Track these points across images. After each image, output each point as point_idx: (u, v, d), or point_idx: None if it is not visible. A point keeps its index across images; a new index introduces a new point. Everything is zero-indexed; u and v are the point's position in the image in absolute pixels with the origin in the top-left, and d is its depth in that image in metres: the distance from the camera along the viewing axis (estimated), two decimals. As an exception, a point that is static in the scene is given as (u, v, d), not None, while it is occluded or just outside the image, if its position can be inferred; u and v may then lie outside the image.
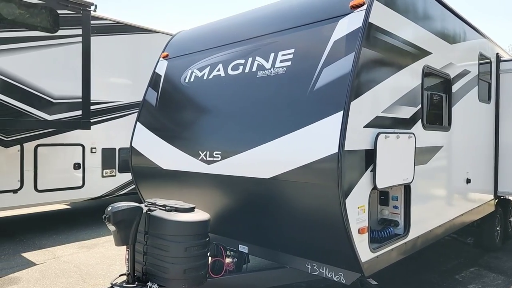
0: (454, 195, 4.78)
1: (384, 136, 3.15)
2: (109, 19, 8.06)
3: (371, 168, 3.08)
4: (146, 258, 3.22)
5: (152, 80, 4.95)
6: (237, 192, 3.64)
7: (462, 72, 4.86)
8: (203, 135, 3.92)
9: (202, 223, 3.19)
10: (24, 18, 6.02)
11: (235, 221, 3.82)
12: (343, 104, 2.84)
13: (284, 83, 3.33)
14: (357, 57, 2.92)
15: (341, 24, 3.14)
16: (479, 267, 5.75)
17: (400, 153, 3.41)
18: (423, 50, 3.86)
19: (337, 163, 2.76)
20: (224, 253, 3.56)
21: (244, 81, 3.70)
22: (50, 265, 5.82)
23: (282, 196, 3.24)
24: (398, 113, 3.46)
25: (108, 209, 3.04)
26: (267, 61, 3.57)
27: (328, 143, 2.83)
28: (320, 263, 3.27)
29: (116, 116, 8.28)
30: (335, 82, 2.95)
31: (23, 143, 6.90)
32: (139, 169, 4.74)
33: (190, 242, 3.10)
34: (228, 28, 4.30)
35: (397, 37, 3.43)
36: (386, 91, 3.28)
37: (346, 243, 2.91)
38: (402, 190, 3.70)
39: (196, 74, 4.30)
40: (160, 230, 3.14)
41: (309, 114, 3.02)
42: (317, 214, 3.04)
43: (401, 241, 3.56)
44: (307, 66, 3.20)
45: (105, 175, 8.13)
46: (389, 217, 3.83)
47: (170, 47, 5.03)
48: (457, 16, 4.74)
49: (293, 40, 3.46)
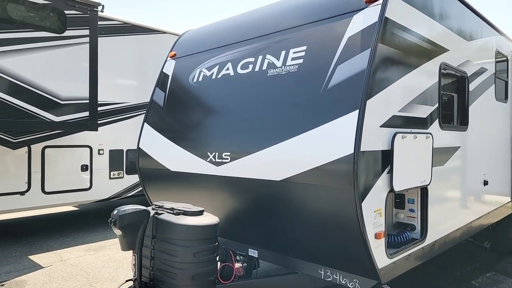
0: (471, 197, 4.61)
1: (401, 136, 3.01)
2: (117, 19, 8.01)
3: (388, 169, 2.94)
4: (154, 263, 3.12)
5: (159, 80, 4.85)
6: (247, 195, 3.52)
7: (479, 70, 4.70)
8: (212, 135, 3.81)
9: (211, 227, 3.08)
10: (31, 19, 5.97)
11: (245, 225, 3.70)
12: (359, 103, 2.70)
13: (296, 81, 3.21)
14: (373, 54, 2.78)
15: (355, 20, 3.01)
16: (496, 272, 5.56)
17: (418, 154, 3.26)
18: (440, 47, 3.71)
19: (353, 165, 2.63)
20: (234, 258, 3.44)
21: (254, 80, 3.58)
22: (57, 268, 5.75)
23: (294, 199, 3.12)
24: (415, 112, 3.31)
25: (114, 213, 2.94)
26: (278, 59, 3.45)
27: (343, 144, 2.69)
28: (334, 269, 3.13)
29: (123, 117, 8.21)
30: (350, 80, 2.81)
31: (30, 145, 6.86)
32: (147, 171, 4.64)
33: (199, 247, 2.99)
34: (237, 26, 4.19)
35: (414, 33, 3.29)
36: (402, 89, 3.14)
37: (362, 248, 2.77)
38: (419, 193, 3.55)
39: (204, 73, 4.19)
40: (168, 234, 3.03)
41: (323, 114, 2.89)
42: (332, 218, 2.90)
43: (418, 246, 3.41)
44: (320, 64, 3.07)
45: (112, 177, 8.06)
46: (405, 221, 3.68)
47: (178, 46, 4.94)
48: (473, 12, 4.57)
49: (305, 37, 3.33)
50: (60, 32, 6.30)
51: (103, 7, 6.75)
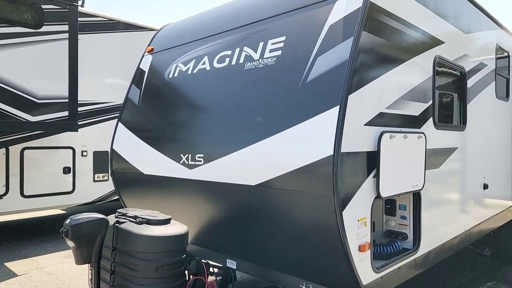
0: (470, 202, 4.28)
1: (389, 135, 2.68)
2: (101, 16, 7.69)
3: (374, 173, 2.61)
4: (114, 277, 2.79)
5: (135, 77, 4.53)
6: (222, 201, 3.19)
7: (478, 65, 4.37)
8: (185, 136, 3.48)
9: (178, 238, 2.75)
10: (4, 12, 5.65)
11: (222, 233, 3.37)
12: (339, 98, 2.38)
13: (273, 75, 2.88)
14: (356, 43, 2.46)
15: (338, 6, 2.69)
16: (497, 281, 5.22)
17: (409, 156, 2.93)
18: (434, 38, 3.38)
19: (333, 168, 2.30)
20: (207, 270, 3.12)
21: (231, 74, 3.26)
22: (31, 276, 5.43)
23: (271, 206, 2.79)
24: (406, 109, 2.99)
25: (66, 222, 2.62)
26: (255, 51, 3.13)
27: (322, 144, 2.37)
28: (315, 283, 2.80)
29: (108, 117, 7.89)
30: (330, 72, 2.49)
31: (8, 146, 6.53)
32: (120, 174, 4.31)
33: (162, 260, 2.66)
34: (216, 18, 3.87)
35: (404, 22, 2.96)
36: (391, 83, 2.82)
37: (344, 262, 2.45)
38: (411, 198, 3.22)
39: (180, 68, 3.87)
40: (128, 246, 2.70)
41: (301, 110, 2.56)
42: (311, 227, 2.58)
43: (411, 257, 3.08)
44: (299, 55, 2.75)
45: (97, 179, 7.74)
46: (396, 229, 3.35)
47: (156, 40, 4.63)
48: (471, 3, 4.25)
49: (284, 27, 3.01)
50: (36, 28, 5.98)
51: (83, 2, 6.45)
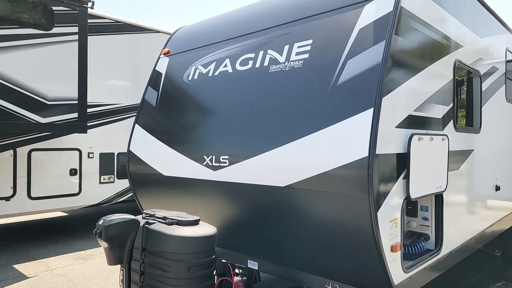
0: (484, 204, 4.35)
1: (417, 138, 2.73)
2: (108, 17, 7.70)
3: (404, 175, 2.65)
4: (144, 278, 2.80)
5: (152, 79, 4.56)
6: (247, 202, 3.22)
7: (490, 69, 4.44)
8: (208, 137, 3.51)
9: (208, 239, 2.78)
10: (15, 14, 5.64)
11: (244, 234, 3.39)
12: (374, 100, 2.42)
13: (301, 78, 2.92)
14: (388, 46, 2.51)
15: (367, 10, 2.74)
16: (506, 281, 5.30)
17: (434, 158, 2.99)
18: (455, 42, 3.45)
19: (368, 169, 2.34)
20: (233, 271, 3.14)
21: (255, 77, 3.29)
22: (42, 278, 5.41)
23: (299, 207, 2.82)
24: (431, 112, 3.04)
25: (99, 223, 2.63)
26: (280, 54, 3.16)
27: (356, 146, 2.41)
28: (342, 283, 2.84)
29: (115, 119, 7.89)
30: (363, 75, 2.54)
31: (16, 148, 6.52)
32: (138, 176, 4.33)
33: (193, 261, 2.68)
34: (236, 21, 3.91)
35: (429, 26, 3.02)
36: (418, 86, 2.87)
37: (376, 262, 2.48)
38: (433, 200, 3.27)
39: (200, 70, 3.90)
40: (159, 247, 2.72)
41: (333, 112, 2.60)
42: (342, 228, 2.61)
43: (434, 258, 3.13)
44: (329, 58, 2.79)
45: (103, 181, 7.72)
46: (418, 230, 3.40)
47: (172, 43, 4.64)
48: (485, 7, 4.33)
49: (310, 30, 3.05)
50: (47, 29, 5.97)
51: (93, 4, 6.44)
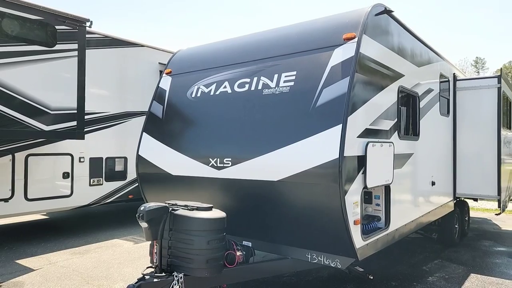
0: (423, 195, 5.58)
1: (372, 144, 3.83)
2: (98, 33, 8.37)
3: (362, 171, 3.74)
4: (171, 251, 3.68)
5: (156, 94, 5.41)
6: (246, 194, 4.18)
7: (427, 90, 5.70)
8: (213, 143, 4.44)
9: (221, 220, 3.71)
10: (25, 33, 6.29)
11: (241, 220, 4.34)
12: (342, 119, 3.49)
13: (288, 100, 3.94)
14: (352, 80, 3.59)
15: (336, 53, 3.81)
16: (442, 259, 6.59)
17: (383, 159, 4.11)
18: (398, 73, 4.62)
19: (338, 167, 3.40)
20: (235, 247, 4.07)
21: (251, 97, 4.27)
22: (49, 270, 6.03)
23: (288, 196, 3.83)
24: (381, 125, 4.17)
25: (141, 209, 3.49)
26: (271, 81, 4.17)
27: (330, 150, 3.46)
28: (319, 252, 3.87)
29: (103, 126, 8.55)
30: (334, 101, 3.59)
31: (14, 153, 7.06)
32: (146, 176, 5.16)
33: (211, 236, 3.60)
34: (232, 50, 4.88)
35: (380, 63, 4.16)
36: (372, 107, 3.98)
37: (344, 232, 3.53)
38: (383, 190, 4.40)
39: (202, 90, 4.83)
40: (185, 226, 3.62)
41: (313, 127, 3.64)
42: (319, 209, 3.65)
43: (384, 233, 4.25)
44: (309, 86, 3.83)
45: (92, 184, 8.35)
46: (372, 213, 4.51)
47: (173, 64, 5.53)
48: (423, 44, 5.59)
49: (294, 64, 4.09)
50: (51, 46, 6.64)
51: (91, 23, 7.16)
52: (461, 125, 7.07)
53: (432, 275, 5.74)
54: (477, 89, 7.05)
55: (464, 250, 7.14)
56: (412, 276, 5.66)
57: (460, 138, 7.06)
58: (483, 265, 6.29)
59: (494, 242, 7.83)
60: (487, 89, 6.98)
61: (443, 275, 5.77)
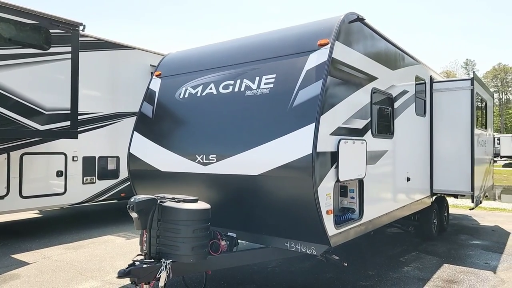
0: (397, 190, 5.95)
1: (344, 141, 4.18)
2: (90, 36, 8.66)
3: (335, 165, 4.09)
4: (159, 240, 3.99)
5: (146, 95, 5.72)
6: (229, 187, 4.51)
7: (402, 91, 6.08)
8: (199, 141, 4.77)
9: (206, 211, 4.03)
10: (20, 37, 6.56)
11: (226, 212, 4.67)
12: (315, 118, 3.83)
13: (268, 100, 4.28)
14: (324, 83, 3.93)
15: (311, 57, 4.16)
16: (419, 251, 6.97)
17: (356, 155, 4.46)
18: (371, 76, 4.98)
19: (311, 161, 3.74)
20: (220, 237, 4.40)
21: (234, 98, 4.61)
22: (44, 263, 6.31)
23: (268, 189, 4.16)
24: (354, 124, 4.52)
25: (131, 200, 3.81)
26: (253, 83, 4.51)
27: (304, 147, 3.80)
28: (296, 240, 4.21)
29: (96, 126, 8.83)
30: (309, 101, 3.94)
31: (9, 152, 7.31)
32: (137, 172, 5.47)
33: (196, 225, 3.92)
34: (218, 54, 5.21)
35: (353, 67, 4.51)
36: (345, 107, 4.34)
37: (317, 221, 3.88)
38: (357, 184, 4.75)
39: (190, 91, 5.15)
40: (172, 217, 3.93)
41: (289, 125, 3.98)
42: (295, 201, 3.99)
43: (357, 223, 4.60)
44: (287, 88, 4.17)
45: (85, 182, 8.62)
46: (347, 206, 4.86)
47: (162, 66, 5.84)
48: (397, 48, 5.96)
49: (274, 67, 4.43)
50: (45, 49, 6.92)
51: (84, 27, 7.45)
52: (437, 125, 7.47)
53: (408, 265, 6.11)
54: (452, 90, 7.45)
55: (441, 244, 7.53)
56: (389, 266, 6.03)
57: (436, 137, 7.46)
58: (457, 256, 6.68)
59: (470, 236, 8.25)
60: (461, 90, 7.38)
61: (418, 265, 6.15)
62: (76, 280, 5.49)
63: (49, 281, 5.45)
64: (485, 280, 5.47)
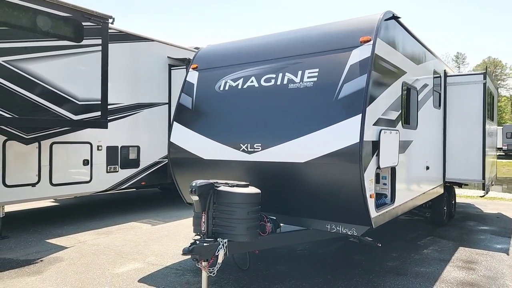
0: (419, 177, 6.35)
1: (383, 132, 4.54)
2: (113, 28, 8.83)
3: (376, 153, 4.45)
4: (215, 221, 4.32)
5: (184, 87, 6.00)
6: (273, 174, 4.85)
7: (423, 85, 6.45)
8: (243, 131, 5.08)
9: (257, 194, 4.37)
10: (55, 29, 6.77)
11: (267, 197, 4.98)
12: (361, 109, 4.18)
13: (312, 93, 4.61)
14: (369, 77, 4.27)
15: (354, 53, 4.49)
16: (434, 236, 7.41)
17: (391, 144, 4.83)
18: (403, 70, 5.34)
19: (359, 150, 4.09)
20: (266, 219, 4.75)
21: (277, 91, 4.92)
22: (81, 247, 6.60)
23: (313, 175, 4.51)
24: (390, 115, 4.88)
25: (193, 184, 4.13)
26: (296, 77, 4.83)
27: (352, 136, 4.15)
28: (337, 222, 4.58)
29: (118, 116, 9.07)
30: (355, 94, 4.28)
31: (40, 141, 7.54)
32: (178, 160, 5.77)
33: (250, 208, 4.26)
34: (256, 48, 5.50)
35: (390, 63, 4.86)
36: (384, 100, 4.69)
37: (362, 204, 4.24)
38: (390, 171, 5.12)
39: (230, 84, 5.45)
40: (228, 200, 4.26)
41: (336, 116, 4.32)
42: (340, 186, 4.35)
43: (390, 207, 4.98)
44: (331, 82, 4.50)
45: (109, 171, 8.88)
46: (379, 192, 5.24)
47: (198, 59, 6.12)
48: (421, 44, 6.32)
49: (316, 62, 4.75)
50: (78, 41, 7.14)
51: (114, 20, 7.65)
52: (450, 117, 7.88)
53: (427, 248, 6.54)
54: (465, 84, 7.85)
55: (452, 229, 7.99)
56: (409, 249, 6.46)
57: (449, 128, 7.87)
58: (469, 240, 7.14)
59: (477, 223, 8.72)
60: (474, 84, 7.78)
61: (436, 248, 6.58)
62: (120, 262, 5.80)
63: (93, 263, 5.75)
64: (501, 261, 5.92)
